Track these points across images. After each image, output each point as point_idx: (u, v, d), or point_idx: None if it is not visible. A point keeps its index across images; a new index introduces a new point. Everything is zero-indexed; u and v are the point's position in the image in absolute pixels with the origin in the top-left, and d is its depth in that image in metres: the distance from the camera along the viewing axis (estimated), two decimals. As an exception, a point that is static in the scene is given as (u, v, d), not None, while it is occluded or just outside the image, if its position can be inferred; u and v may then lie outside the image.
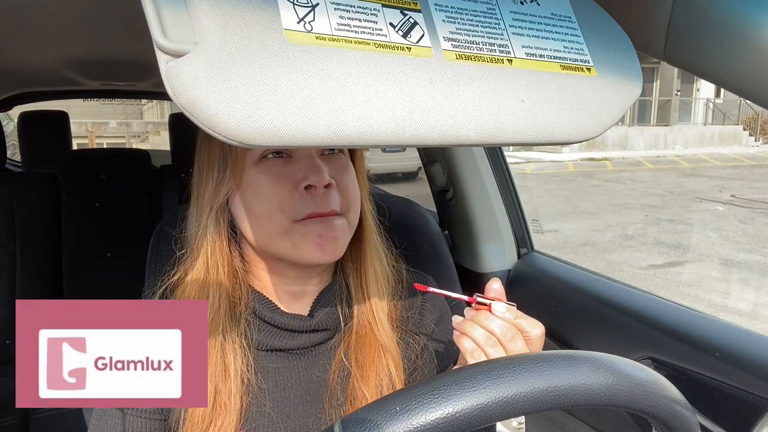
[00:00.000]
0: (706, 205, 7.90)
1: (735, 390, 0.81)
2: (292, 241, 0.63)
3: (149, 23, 0.34)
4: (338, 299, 0.71)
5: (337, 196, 0.64)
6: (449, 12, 0.45)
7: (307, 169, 0.62)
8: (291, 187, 0.62)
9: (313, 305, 0.71)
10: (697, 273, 4.90)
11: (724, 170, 11.45)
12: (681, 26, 0.51)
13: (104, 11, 0.95)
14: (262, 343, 0.68)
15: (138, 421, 0.65)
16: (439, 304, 0.79)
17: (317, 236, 0.62)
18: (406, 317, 0.75)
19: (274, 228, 0.63)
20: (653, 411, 0.43)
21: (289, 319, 0.68)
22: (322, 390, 0.69)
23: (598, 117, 0.48)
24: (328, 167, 0.64)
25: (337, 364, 0.69)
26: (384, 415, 0.39)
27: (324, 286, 0.72)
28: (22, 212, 1.78)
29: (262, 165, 0.63)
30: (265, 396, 0.67)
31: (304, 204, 0.62)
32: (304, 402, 0.69)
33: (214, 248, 0.66)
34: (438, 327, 0.77)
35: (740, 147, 16.35)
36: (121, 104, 14.84)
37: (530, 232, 1.48)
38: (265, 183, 0.63)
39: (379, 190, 1.07)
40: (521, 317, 0.60)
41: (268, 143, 0.36)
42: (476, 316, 0.61)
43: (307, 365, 0.70)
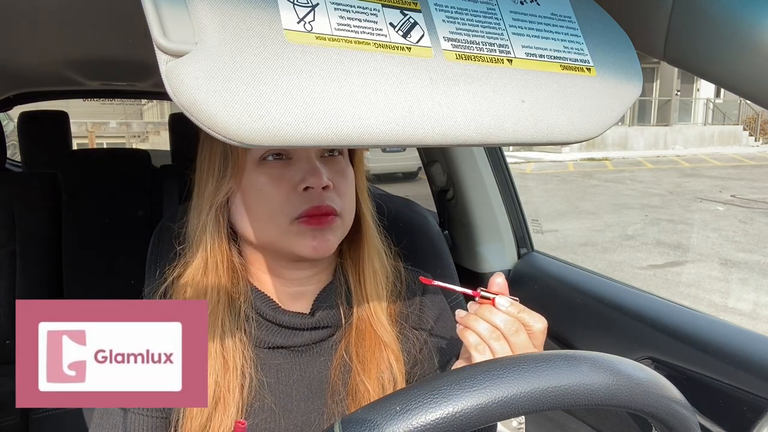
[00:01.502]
0: (706, 205, 7.90)
1: (735, 390, 0.81)
2: (288, 240, 0.65)
3: (149, 23, 0.34)
4: (338, 297, 0.72)
5: (335, 197, 0.65)
6: (449, 12, 0.45)
7: (305, 171, 0.63)
8: (290, 189, 0.64)
9: (314, 304, 0.71)
10: (697, 273, 4.90)
11: (724, 170, 11.45)
12: (681, 26, 0.51)
13: (104, 11, 0.95)
14: (263, 340, 0.69)
15: (139, 419, 0.66)
16: (439, 301, 0.79)
17: (311, 239, 0.64)
18: (406, 314, 0.76)
19: (272, 228, 0.64)
20: (653, 411, 0.43)
21: (290, 317, 0.69)
22: (323, 386, 0.70)
23: (598, 117, 0.48)
24: (327, 170, 0.65)
25: (338, 360, 0.70)
26: (384, 415, 0.39)
27: (322, 285, 0.73)
28: (22, 212, 1.78)
29: (262, 167, 0.64)
30: (267, 391, 0.67)
31: (302, 202, 0.63)
32: (305, 398, 0.69)
33: (213, 245, 0.67)
34: (438, 323, 0.78)
35: (740, 147, 16.34)
36: (121, 104, 14.83)
37: (530, 232, 1.48)
38: (265, 184, 0.64)
39: (379, 190, 1.07)
40: (524, 311, 0.60)
41: (268, 143, 0.36)
42: (480, 310, 0.61)
43: (309, 362, 0.70)
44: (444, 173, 1.48)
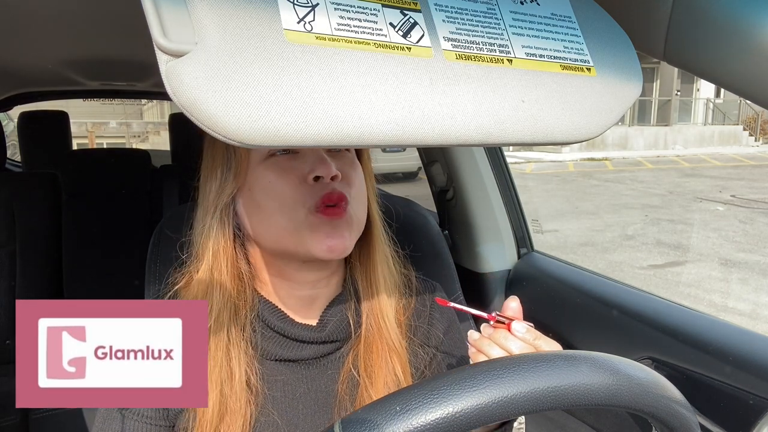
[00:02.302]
0: (706, 205, 7.89)
1: (735, 390, 0.81)
2: (301, 236, 0.62)
3: (149, 23, 0.34)
4: (348, 309, 0.70)
5: (346, 185, 0.64)
6: (449, 12, 0.45)
7: (314, 162, 0.62)
8: (299, 181, 0.62)
9: (323, 314, 0.70)
10: (697, 273, 4.90)
11: (724, 170, 11.45)
12: (681, 26, 0.51)
13: (104, 11, 0.95)
14: (269, 352, 0.67)
15: (141, 427, 0.64)
16: (448, 313, 0.78)
17: (326, 236, 0.62)
18: (415, 326, 0.75)
19: (286, 221, 0.62)
20: (653, 411, 0.43)
21: (299, 329, 0.68)
22: (330, 400, 0.68)
23: (598, 117, 0.48)
24: (335, 162, 0.64)
25: (345, 373, 0.69)
26: (384, 415, 0.39)
27: (332, 290, 0.71)
28: (22, 212, 1.78)
29: (268, 162, 0.63)
30: (273, 405, 0.66)
31: (314, 191, 0.62)
32: (312, 412, 0.68)
33: (218, 248, 0.65)
34: (447, 337, 0.76)
35: (740, 147, 16.34)
36: (121, 104, 14.82)
37: (530, 232, 1.48)
38: (273, 178, 0.63)
39: (379, 190, 1.07)
40: (540, 338, 0.59)
41: (268, 143, 0.36)
42: (494, 334, 0.60)
43: (316, 375, 0.69)
44: (444, 173, 1.48)
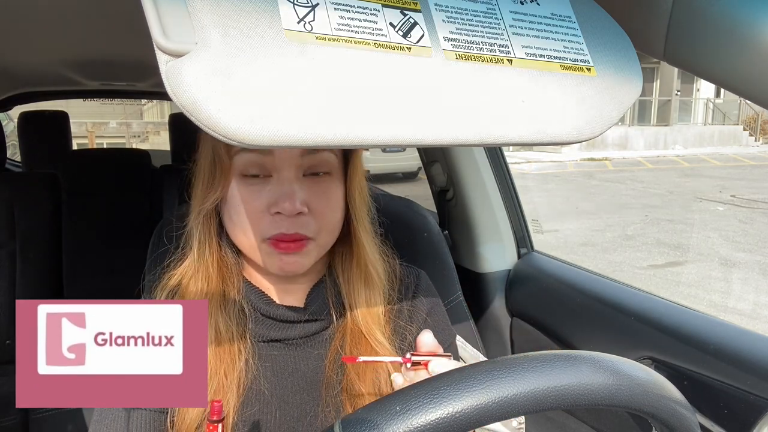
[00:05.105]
0: (706, 205, 7.89)
1: (735, 390, 0.81)
2: (260, 255, 0.67)
3: (149, 23, 0.34)
4: (329, 294, 0.74)
5: (310, 221, 0.66)
6: (449, 12, 0.45)
7: (279, 195, 0.64)
8: (263, 209, 0.65)
9: (307, 297, 0.73)
10: (697, 273, 4.90)
11: (724, 170, 11.44)
12: (681, 26, 0.51)
13: (104, 11, 0.95)
14: (258, 333, 0.71)
15: (138, 411, 0.66)
16: (431, 294, 0.81)
17: (279, 261, 0.66)
18: (399, 309, 0.77)
19: (247, 240, 0.67)
20: (653, 411, 0.43)
21: (283, 310, 0.71)
22: (319, 378, 0.71)
23: (598, 117, 0.48)
24: (306, 191, 0.65)
25: (332, 354, 0.72)
26: (384, 415, 0.39)
27: (314, 280, 0.75)
28: (22, 212, 1.77)
29: (243, 181, 0.66)
30: (263, 382, 0.69)
31: (272, 225, 0.65)
32: (301, 389, 0.71)
33: (204, 246, 0.70)
34: (430, 317, 0.79)
35: (740, 147, 16.33)
36: (121, 104, 14.80)
37: (530, 232, 1.48)
38: (243, 200, 0.65)
39: (379, 190, 1.07)
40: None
41: (268, 143, 0.36)
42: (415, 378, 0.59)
43: (304, 355, 0.72)
44: (444, 173, 1.48)
